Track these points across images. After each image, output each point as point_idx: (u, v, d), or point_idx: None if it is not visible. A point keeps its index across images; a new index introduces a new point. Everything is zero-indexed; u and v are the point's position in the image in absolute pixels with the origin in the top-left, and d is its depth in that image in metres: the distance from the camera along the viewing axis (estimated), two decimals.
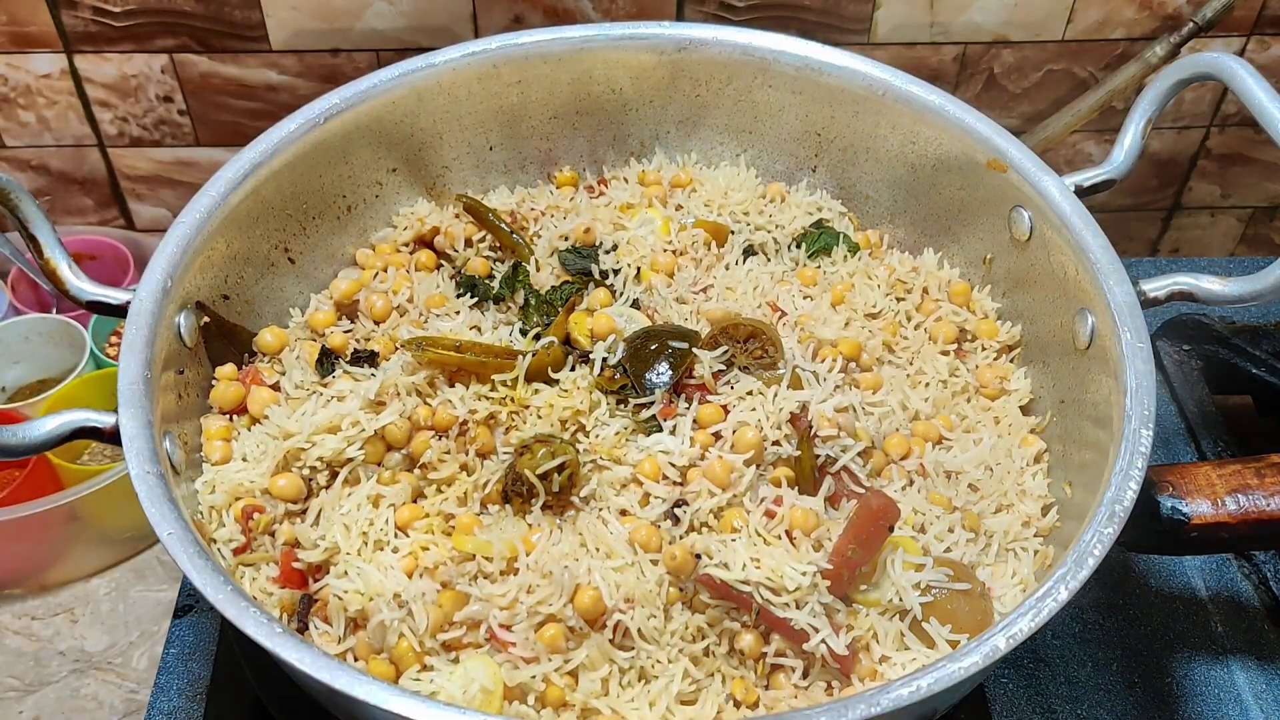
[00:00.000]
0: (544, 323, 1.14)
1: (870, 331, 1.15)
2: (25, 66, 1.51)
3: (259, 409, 1.06)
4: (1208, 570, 1.27)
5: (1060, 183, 1.12)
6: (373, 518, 0.98)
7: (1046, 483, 1.07)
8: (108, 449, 1.44)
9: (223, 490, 1.01)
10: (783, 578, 0.91)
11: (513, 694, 0.89)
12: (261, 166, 1.13)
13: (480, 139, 1.30)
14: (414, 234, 1.25)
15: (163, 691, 1.15)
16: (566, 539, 0.96)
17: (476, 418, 1.03)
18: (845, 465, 1.01)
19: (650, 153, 1.35)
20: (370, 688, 0.77)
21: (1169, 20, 1.53)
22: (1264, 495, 1.01)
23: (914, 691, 0.78)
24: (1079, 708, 1.16)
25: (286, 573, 0.97)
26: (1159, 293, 1.06)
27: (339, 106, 1.18)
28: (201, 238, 1.07)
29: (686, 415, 1.03)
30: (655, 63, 1.28)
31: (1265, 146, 1.69)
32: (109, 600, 1.36)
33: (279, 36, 1.49)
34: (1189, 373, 1.43)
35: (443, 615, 0.91)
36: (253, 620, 0.81)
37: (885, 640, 0.93)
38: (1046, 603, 0.84)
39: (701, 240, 1.22)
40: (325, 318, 1.16)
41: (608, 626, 0.90)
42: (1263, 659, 1.20)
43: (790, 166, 1.34)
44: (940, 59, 1.56)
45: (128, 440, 0.91)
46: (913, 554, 0.96)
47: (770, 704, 0.92)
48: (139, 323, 0.99)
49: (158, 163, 1.63)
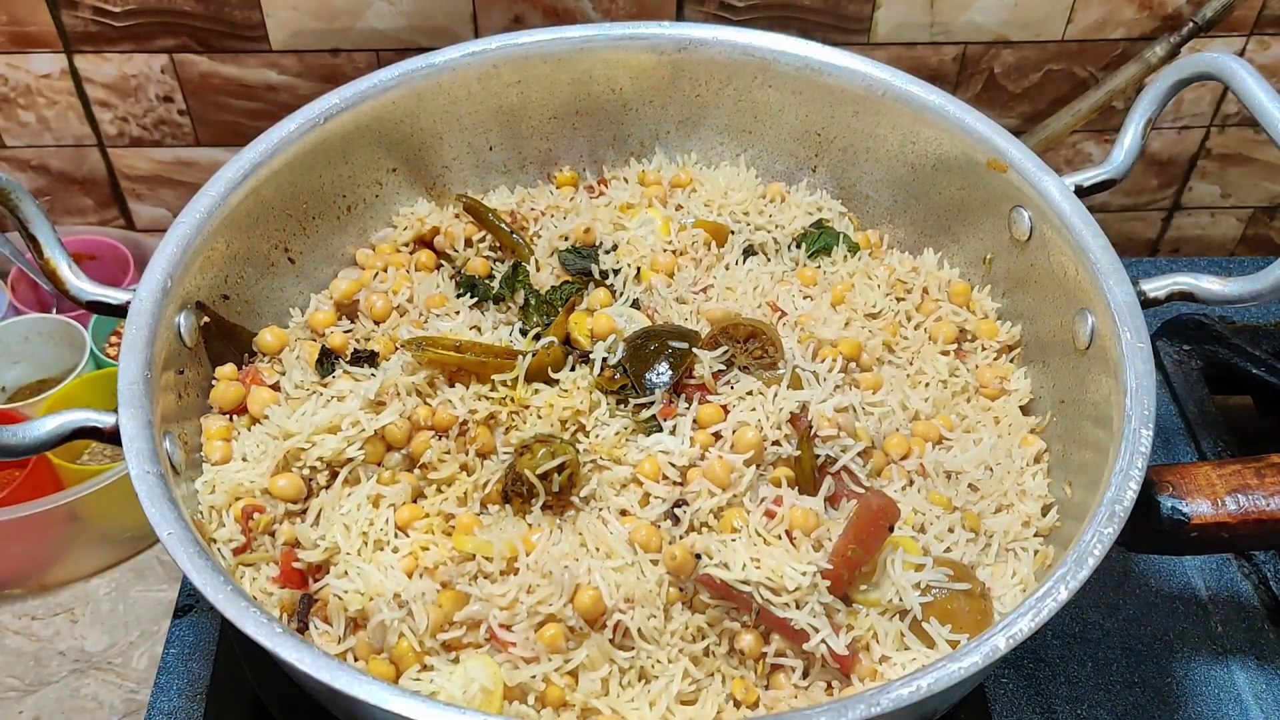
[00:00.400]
0: (544, 323, 1.14)
1: (870, 331, 1.15)
2: (25, 66, 1.51)
3: (259, 409, 1.06)
4: (1208, 570, 1.27)
5: (1060, 183, 1.12)
6: (373, 518, 0.98)
7: (1046, 483, 1.07)
8: (108, 449, 1.44)
9: (223, 490, 1.01)
10: (783, 578, 0.91)
11: (513, 694, 0.89)
12: (261, 166, 1.13)
13: (480, 139, 1.30)
14: (414, 234, 1.25)
15: (163, 691, 1.16)
16: (566, 539, 0.96)
17: (476, 418, 1.03)
18: (845, 465, 1.01)
19: (650, 153, 1.35)
20: (370, 688, 0.77)
21: (1169, 20, 1.53)
22: (1264, 495, 1.01)
23: (914, 691, 0.78)
24: (1079, 708, 1.16)
25: (286, 573, 0.97)
26: (1159, 293, 1.06)
27: (339, 106, 1.18)
28: (201, 238, 1.07)
29: (686, 415, 1.03)
30: (655, 63, 1.28)
31: (1265, 146, 1.69)
32: (109, 600, 1.36)
33: (279, 36, 1.49)
34: (1189, 373, 1.43)
35: (443, 615, 0.91)
36: (253, 620, 0.81)
37: (885, 640, 0.93)
38: (1046, 603, 0.84)
39: (701, 240, 1.22)
40: (325, 318, 1.16)
41: (608, 626, 0.90)
42: (1263, 659, 1.20)
43: (790, 166, 1.34)
44: (940, 59, 1.56)
45: (128, 440, 0.91)
46: (913, 554, 0.96)
47: (770, 704, 0.92)
48: (139, 323, 0.99)
49: (158, 163, 1.63)
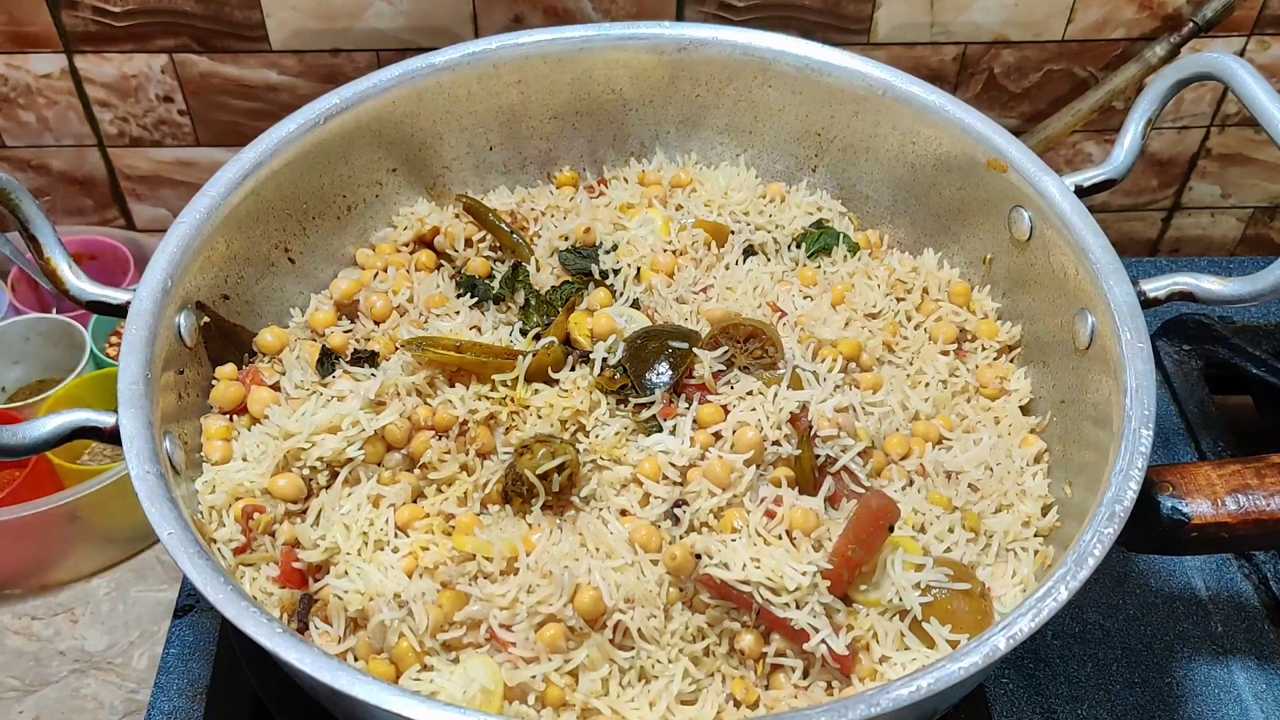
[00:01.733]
0: (544, 323, 1.14)
1: (870, 331, 1.15)
2: (25, 66, 1.51)
3: (259, 409, 1.06)
4: (1208, 570, 1.27)
5: (1060, 183, 1.12)
6: (373, 518, 0.98)
7: (1047, 483, 1.07)
8: (108, 449, 1.44)
9: (223, 490, 1.01)
10: (783, 578, 0.91)
11: (513, 694, 0.89)
12: (262, 166, 1.12)
13: (480, 139, 1.30)
14: (414, 234, 1.25)
15: (163, 691, 1.16)
16: (566, 539, 0.96)
17: (476, 418, 1.03)
18: (845, 465, 1.01)
19: (650, 153, 1.35)
20: (370, 687, 0.77)
21: (1169, 20, 1.53)
22: (1264, 495, 1.01)
23: (913, 692, 0.78)
24: (1079, 708, 1.16)
25: (286, 573, 0.97)
26: (1159, 293, 1.06)
27: (339, 106, 1.18)
28: (202, 238, 1.07)
29: (686, 415, 1.03)
30: (655, 63, 1.28)
31: (1265, 146, 1.69)
32: (109, 600, 1.36)
33: (279, 36, 1.49)
34: (1189, 373, 1.43)
35: (443, 615, 0.91)
36: (252, 620, 0.81)
37: (885, 640, 0.93)
38: (1046, 603, 0.84)
39: (701, 240, 1.22)
40: (325, 318, 1.16)
41: (608, 626, 0.90)
42: (1263, 659, 1.20)
43: (790, 167, 1.34)
44: (940, 59, 1.56)
45: (128, 440, 0.91)
46: (913, 554, 0.96)
47: (770, 704, 0.92)
48: (139, 322, 0.99)
49: (158, 163, 1.63)
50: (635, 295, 1.16)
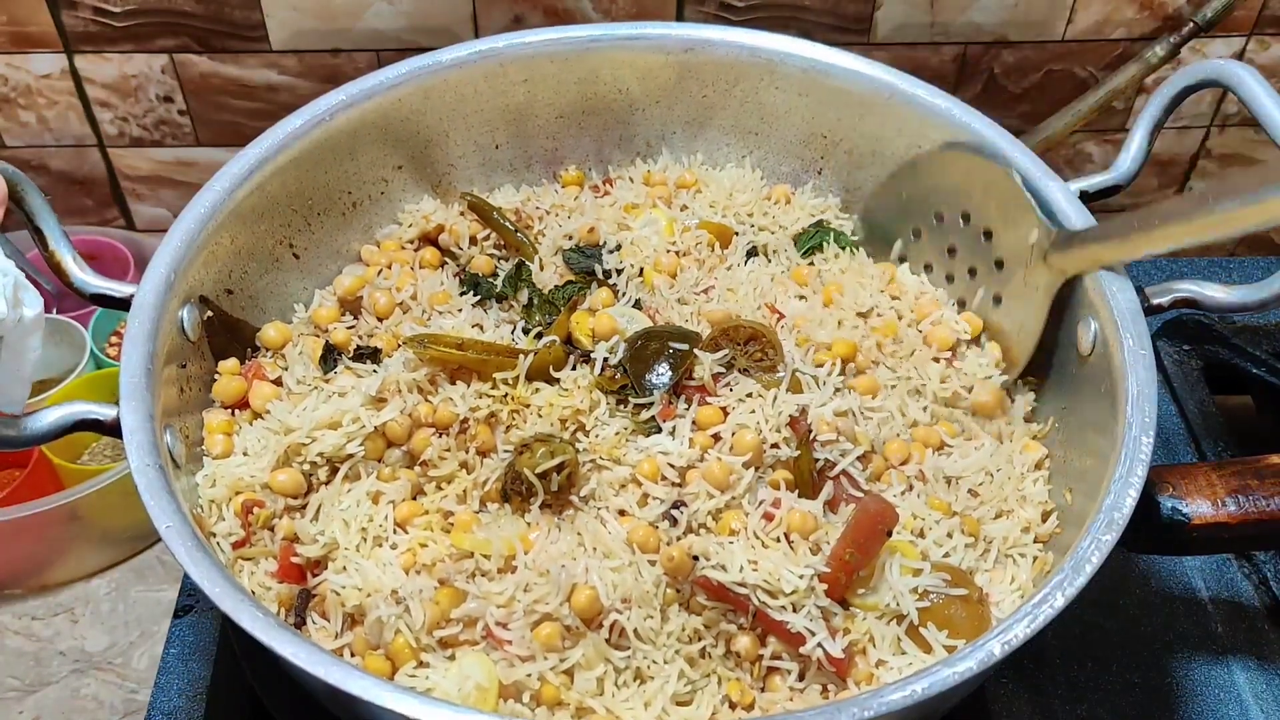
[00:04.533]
0: (546, 322, 1.14)
1: (864, 332, 1.14)
2: (25, 66, 1.51)
3: (261, 404, 1.06)
4: (1208, 570, 1.27)
5: (1065, 188, 1.11)
6: (372, 514, 0.98)
7: (1047, 489, 1.07)
8: (108, 449, 1.44)
9: (223, 484, 1.01)
10: (780, 580, 0.91)
11: (508, 692, 0.89)
12: (267, 162, 1.13)
13: (486, 137, 1.30)
14: (419, 231, 1.26)
15: (163, 691, 1.15)
16: (564, 538, 0.96)
17: (477, 416, 1.03)
18: (844, 469, 1.01)
19: (656, 153, 1.35)
20: (365, 683, 0.77)
21: (1169, 20, 1.52)
22: (1264, 495, 1.01)
23: (908, 696, 0.78)
24: (1079, 708, 1.15)
25: (285, 567, 0.97)
26: (1162, 299, 1.06)
27: (345, 103, 1.18)
28: (206, 232, 1.07)
29: (686, 417, 1.03)
30: (662, 63, 1.28)
31: (1265, 147, 1.68)
32: (109, 600, 1.36)
33: (279, 36, 1.49)
34: (1189, 373, 1.42)
35: (440, 612, 0.91)
36: (249, 614, 0.81)
37: (882, 644, 0.93)
38: (1043, 609, 0.83)
39: (705, 241, 1.22)
40: (329, 314, 1.17)
41: (604, 626, 0.90)
42: (1263, 659, 1.19)
43: (796, 169, 1.33)
44: (940, 59, 1.55)
45: (128, 433, 0.92)
46: (911, 559, 0.96)
47: (765, 706, 0.92)
48: (142, 316, 0.99)
49: (158, 163, 1.63)
50: (638, 295, 1.16)
